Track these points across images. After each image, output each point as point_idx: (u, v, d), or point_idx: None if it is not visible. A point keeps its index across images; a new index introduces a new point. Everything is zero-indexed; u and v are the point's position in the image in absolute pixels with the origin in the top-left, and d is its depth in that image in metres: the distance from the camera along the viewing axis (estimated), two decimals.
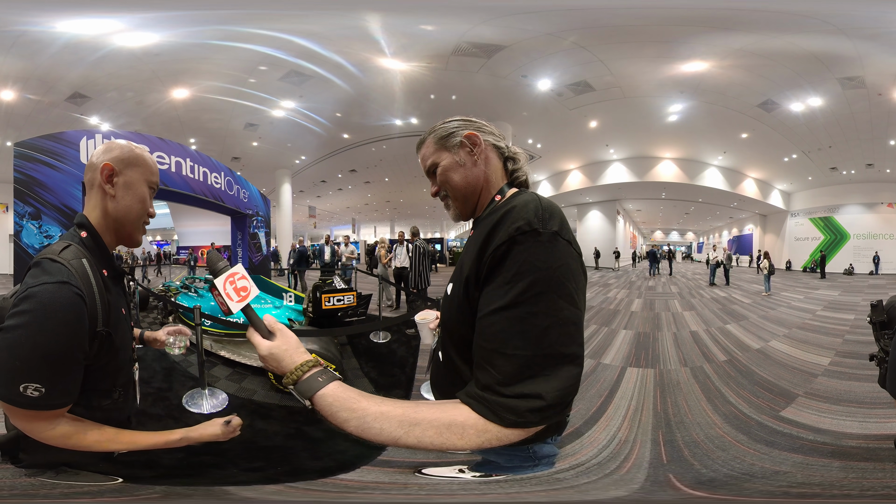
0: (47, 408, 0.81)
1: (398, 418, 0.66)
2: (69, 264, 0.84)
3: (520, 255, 0.67)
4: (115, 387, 0.97)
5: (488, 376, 0.66)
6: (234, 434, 1.01)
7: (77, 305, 0.80)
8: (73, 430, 0.87)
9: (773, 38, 7.31)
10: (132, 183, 0.97)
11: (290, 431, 2.71)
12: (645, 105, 10.27)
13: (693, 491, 1.97)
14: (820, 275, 15.04)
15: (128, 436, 0.93)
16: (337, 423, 0.69)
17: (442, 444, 0.64)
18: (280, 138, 12.34)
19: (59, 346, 0.78)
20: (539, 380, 0.63)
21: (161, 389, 3.21)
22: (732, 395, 3.26)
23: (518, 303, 0.65)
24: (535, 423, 0.64)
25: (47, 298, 0.78)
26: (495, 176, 0.93)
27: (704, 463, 2.25)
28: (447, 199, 0.97)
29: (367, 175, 16.96)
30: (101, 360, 0.89)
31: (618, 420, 2.79)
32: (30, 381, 0.77)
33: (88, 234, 0.95)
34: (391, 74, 8.80)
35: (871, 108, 9.51)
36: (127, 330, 1.00)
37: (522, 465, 0.97)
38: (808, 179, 15.67)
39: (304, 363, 0.75)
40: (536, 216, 0.70)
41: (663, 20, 7.11)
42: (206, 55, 8.09)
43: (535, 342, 0.64)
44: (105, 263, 0.96)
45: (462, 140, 0.91)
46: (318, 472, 2.13)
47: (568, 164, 15.86)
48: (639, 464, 2.22)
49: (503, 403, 0.63)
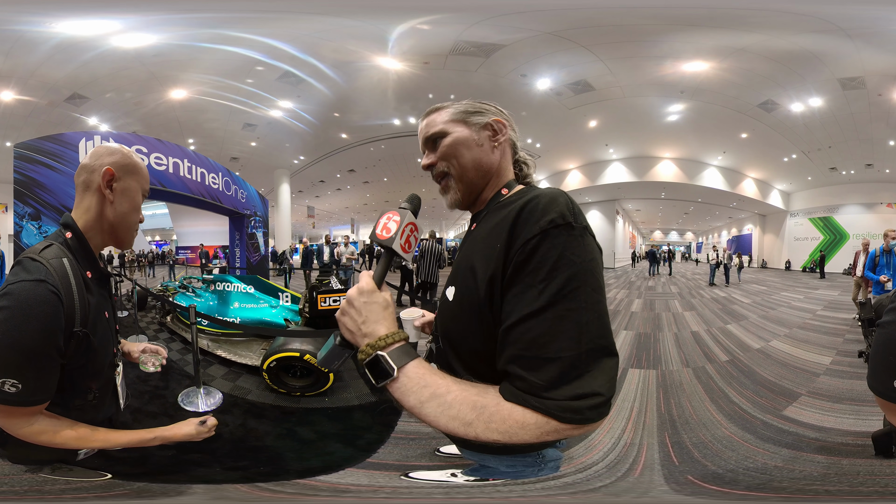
0: (24, 404, 0.81)
1: (470, 405, 0.63)
2: (48, 263, 0.84)
3: (553, 250, 0.64)
4: (91, 389, 0.96)
5: (529, 384, 0.62)
6: (209, 434, 1.01)
7: (52, 303, 0.80)
8: (50, 427, 0.87)
9: (773, 38, 7.30)
10: (129, 190, 0.99)
11: (282, 431, 2.68)
12: (644, 105, 10.27)
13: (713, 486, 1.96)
14: (819, 275, 15.03)
15: (102, 434, 0.93)
16: (409, 404, 0.65)
17: (507, 439, 0.62)
18: (278, 138, 12.32)
19: (35, 342, 0.78)
20: (588, 377, 0.61)
21: (157, 388, 3.18)
22: (735, 395, 3.24)
23: (556, 301, 0.62)
24: (597, 419, 0.62)
25: (24, 296, 0.78)
26: (507, 170, 0.89)
27: (716, 462, 2.24)
28: (447, 178, 0.88)
29: (366, 175, 16.94)
30: (79, 361, 0.88)
31: (622, 421, 2.77)
32: (7, 377, 0.77)
33: (73, 235, 0.95)
34: (389, 74, 8.78)
35: (871, 108, 9.50)
36: (108, 333, 0.99)
37: (525, 469, 0.93)
38: (808, 179, 15.67)
39: (398, 332, 0.69)
40: (568, 209, 0.67)
41: (663, 20, 7.10)
42: (205, 56, 8.08)
43: (578, 340, 0.62)
44: (89, 265, 0.96)
45: (490, 122, 0.87)
46: (300, 473, 2.09)
47: (567, 164, 15.84)
48: (649, 465, 2.20)
49: (561, 406, 0.61)
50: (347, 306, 0.72)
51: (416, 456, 2.30)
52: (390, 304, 0.73)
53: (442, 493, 1.69)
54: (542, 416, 0.61)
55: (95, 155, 0.99)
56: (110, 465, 1.17)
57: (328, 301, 3.69)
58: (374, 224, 0.76)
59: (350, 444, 2.52)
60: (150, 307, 6.22)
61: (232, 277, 4.78)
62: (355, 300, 0.71)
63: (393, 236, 0.72)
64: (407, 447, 2.41)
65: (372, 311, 0.70)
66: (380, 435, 2.58)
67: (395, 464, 2.21)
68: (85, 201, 0.98)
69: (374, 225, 0.76)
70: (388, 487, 1.89)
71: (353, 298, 0.72)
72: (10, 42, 6.94)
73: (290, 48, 7.89)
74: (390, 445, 2.44)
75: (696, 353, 4.51)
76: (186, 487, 1.37)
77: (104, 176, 0.96)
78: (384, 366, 0.67)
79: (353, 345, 0.73)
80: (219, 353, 3.88)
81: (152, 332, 4.94)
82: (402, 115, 11.15)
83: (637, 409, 2.97)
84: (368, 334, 0.69)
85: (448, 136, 0.86)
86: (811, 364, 3.97)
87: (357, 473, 2.10)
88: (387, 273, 0.74)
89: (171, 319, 4.97)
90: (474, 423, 0.62)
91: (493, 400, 0.64)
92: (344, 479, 2.02)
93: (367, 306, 0.71)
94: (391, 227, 0.73)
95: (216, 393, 3.15)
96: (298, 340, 3.13)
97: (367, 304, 0.71)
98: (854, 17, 6.76)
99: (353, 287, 0.74)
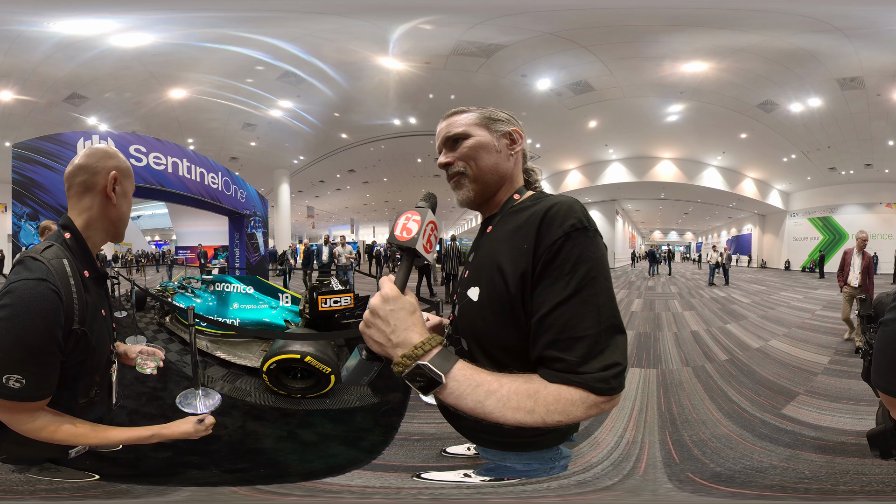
0: (28, 399, 0.83)
1: (525, 393, 0.67)
2: (49, 263, 0.87)
3: (575, 249, 0.72)
4: (92, 385, 0.99)
5: (567, 364, 0.69)
6: (207, 432, 1.02)
7: (52, 301, 0.83)
8: (50, 423, 0.89)
9: (772, 39, 7.30)
10: (127, 192, 1.05)
11: (282, 434, 2.67)
12: (644, 105, 10.27)
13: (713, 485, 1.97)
14: (819, 275, 15.04)
15: (101, 431, 0.95)
16: (467, 406, 0.66)
17: (566, 418, 0.67)
18: (278, 138, 12.30)
19: (37, 339, 0.81)
20: (608, 351, 0.69)
21: (155, 389, 3.17)
22: (735, 394, 3.25)
23: (580, 289, 0.71)
24: (620, 389, 0.69)
25: (26, 293, 0.81)
26: (518, 177, 0.96)
27: (716, 461, 2.25)
28: (462, 177, 0.90)
29: (366, 175, 16.94)
30: (78, 358, 0.91)
31: (623, 420, 2.78)
32: (11, 373, 0.80)
33: (72, 236, 0.98)
34: (390, 74, 8.78)
35: (870, 108, 9.51)
36: (105, 331, 1.02)
37: (541, 467, 0.97)
38: (807, 179, 15.69)
39: (433, 337, 0.68)
40: (584, 215, 0.76)
41: (663, 20, 7.10)
42: (204, 56, 8.07)
43: (598, 319, 0.70)
44: (87, 265, 0.98)
45: (509, 132, 0.93)
46: (304, 476, 2.09)
47: (567, 164, 15.84)
48: (652, 464, 2.21)
49: (595, 378, 0.67)
50: (372, 317, 0.69)
51: (424, 457, 2.30)
52: (417, 307, 0.71)
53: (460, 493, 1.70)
54: (584, 391, 0.67)
55: (94, 157, 1.00)
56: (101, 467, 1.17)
57: (328, 302, 3.69)
58: (392, 225, 0.75)
59: (353, 445, 2.51)
60: (149, 307, 6.21)
61: (231, 278, 4.77)
62: (380, 309, 0.69)
63: (415, 237, 0.71)
64: (413, 448, 2.40)
65: (400, 319, 0.68)
66: (383, 437, 2.57)
67: (403, 465, 2.21)
68: (84, 201, 0.99)
69: (391, 227, 0.75)
70: (406, 489, 1.90)
71: (378, 307, 0.69)
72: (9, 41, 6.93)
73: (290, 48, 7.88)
74: (395, 447, 2.44)
75: (696, 353, 4.52)
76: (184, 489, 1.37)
77: (111, 180, 0.99)
78: (430, 375, 0.65)
79: (381, 357, 0.71)
80: (217, 355, 3.87)
81: (151, 332, 4.93)
82: (403, 115, 11.14)
83: (638, 408, 2.98)
84: (401, 344, 0.67)
85: (471, 138, 0.90)
86: (809, 364, 3.98)
87: (366, 475, 2.10)
88: (409, 276, 0.73)
89: (170, 320, 4.96)
90: (536, 410, 0.66)
91: (542, 385, 0.68)
92: (353, 481, 2.03)
93: (394, 314, 0.68)
94: (412, 228, 0.72)
95: (214, 394, 3.14)
96: (299, 342, 3.12)
97: (393, 312, 0.68)
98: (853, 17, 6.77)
99: (374, 296, 0.71)
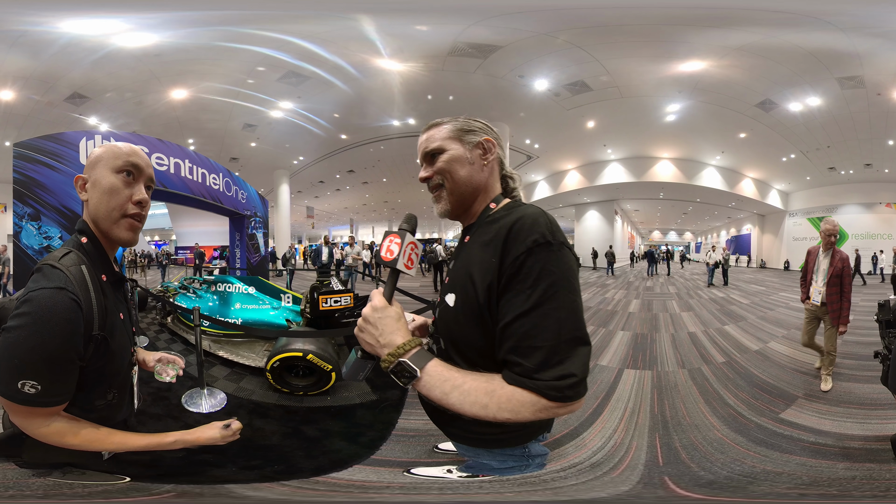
0: (43, 405, 0.84)
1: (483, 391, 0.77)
2: (68, 271, 0.87)
3: (537, 264, 0.77)
4: (111, 389, 0.98)
5: (524, 369, 0.75)
6: (234, 437, 1.00)
7: (73, 310, 0.84)
8: (67, 428, 0.89)
9: (772, 38, 7.30)
10: (97, 179, 0.95)
11: (287, 430, 2.72)
12: (643, 105, 10.27)
13: (688, 493, 1.97)
14: None
15: (120, 436, 0.94)
16: (436, 396, 0.78)
17: (514, 416, 0.75)
18: (278, 139, 12.34)
19: (56, 347, 0.81)
20: (567, 362, 0.74)
21: (160, 389, 3.20)
22: (731, 398, 3.22)
23: (540, 303, 0.76)
24: (575, 398, 0.75)
25: (45, 302, 0.82)
26: (494, 186, 0.99)
27: (702, 465, 2.23)
28: (441, 189, 0.97)
29: (365, 175, 16.97)
30: (98, 363, 0.91)
31: (614, 422, 2.78)
32: (27, 379, 0.80)
33: (89, 239, 0.97)
34: (388, 75, 8.80)
35: (870, 107, 9.51)
36: (125, 335, 1.01)
37: (515, 465, 1.01)
38: (807, 179, 15.69)
39: (413, 339, 0.81)
40: (547, 229, 0.79)
41: (661, 19, 7.11)
42: (205, 56, 8.09)
43: (558, 332, 0.75)
44: (104, 269, 0.98)
45: (481, 142, 0.97)
46: (313, 471, 2.15)
47: (565, 165, 15.87)
48: (633, 465, 2.22)
49: (548, 385, 0.74)
50: (364, 323, 0.84)
51: (417, 453, 2.36)
52: (402, 316, 0.85)
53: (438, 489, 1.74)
54: (535, 395, 0.74)
55: None
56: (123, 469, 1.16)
57: (329, 302, 3.72)
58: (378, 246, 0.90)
59: (354, 441, 2.57)
60: (150, 308, 6.25)
61: (233, 278, 4.80)
62: (370, 317, 0.83)
63: (397, 257, 0.84)
64: (408, 444, 2.46)
65: (387, 325, 0.82)
66: (381, 432, 2.63)
67: (398, 460, 2.26)
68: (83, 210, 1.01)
69: (378, 247, 0.89)
70: (403, 483, 1.95)
71: (368, 315, 0.83)
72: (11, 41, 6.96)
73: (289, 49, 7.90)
74: (392, 442, 2.50)
75: (693, 355, 4.50)
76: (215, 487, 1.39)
77: (77, 184, 0.98)
78: (408, 369, 0.79)
79: (373, 356, 0.85)
80: (220, 354, 3.91)
81: (153, 332, 4.97)
82: (402, 116, 11.17)
83: (630, 410, 2.98)
84: (387, 345, 0.81)
85: (445, 152, 0.95)
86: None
87: (365, 470, 2.16)
88: (395, 288, 0.87)
89: (172, 320, 5.00)
90: (489, 406, 0.75)
91: (500, 384, 0.77)
92: (356, 476, 2.08)
93: (382, 321, 0.83)
94: (394, 249, 0.85)
95: (219, 394, 3.18)
96: (301, 340, 3.17)
97: (381, 319, 0.83)
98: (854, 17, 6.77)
99: (366, 306, 0.85)
